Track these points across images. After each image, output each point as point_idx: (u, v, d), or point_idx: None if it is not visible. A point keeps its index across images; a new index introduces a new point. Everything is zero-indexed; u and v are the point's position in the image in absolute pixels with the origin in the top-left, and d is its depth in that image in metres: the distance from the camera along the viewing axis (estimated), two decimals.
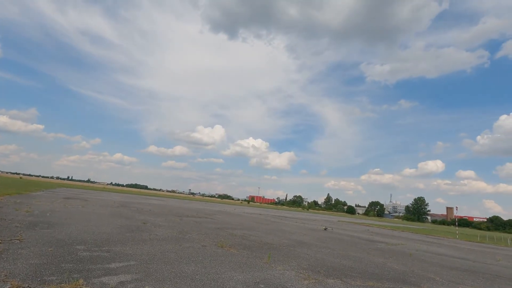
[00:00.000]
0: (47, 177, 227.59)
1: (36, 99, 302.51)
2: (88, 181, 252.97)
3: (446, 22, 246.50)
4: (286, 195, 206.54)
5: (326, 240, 14.92)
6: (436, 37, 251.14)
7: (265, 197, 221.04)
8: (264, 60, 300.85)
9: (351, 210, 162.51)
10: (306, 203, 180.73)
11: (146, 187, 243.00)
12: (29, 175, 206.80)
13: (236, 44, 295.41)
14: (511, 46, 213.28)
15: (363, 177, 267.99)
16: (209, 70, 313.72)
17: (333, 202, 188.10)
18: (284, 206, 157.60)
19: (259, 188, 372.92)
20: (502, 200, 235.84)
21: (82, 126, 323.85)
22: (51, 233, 7.96)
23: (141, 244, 7.91)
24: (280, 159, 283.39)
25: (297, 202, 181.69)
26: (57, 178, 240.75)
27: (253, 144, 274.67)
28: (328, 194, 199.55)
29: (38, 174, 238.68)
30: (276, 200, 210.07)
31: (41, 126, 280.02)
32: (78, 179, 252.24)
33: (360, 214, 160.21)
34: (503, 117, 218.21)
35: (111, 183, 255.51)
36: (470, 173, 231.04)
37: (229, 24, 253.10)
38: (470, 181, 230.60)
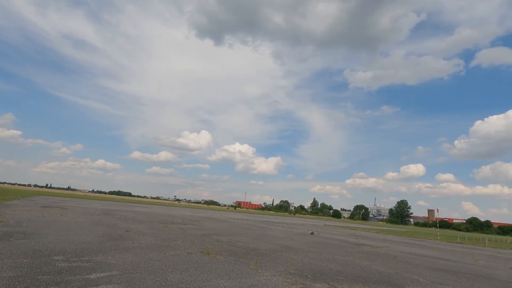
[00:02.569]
0: (24, 185, 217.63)
1: (13, 104, 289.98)
2: (69, 188, 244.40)
3: (424, 32, 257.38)
4: (273, 200, 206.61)
5: (313, 244, 14.97)
6: (415, 46, 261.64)
7: (252, 203, 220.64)
8: (250, 66, 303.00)
9: (337, 214, 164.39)
10: (293, 208, 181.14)
11: (129, 194, 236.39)
12: (5, 183, 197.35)
13: (222, 50, 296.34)
14: (484, 56, 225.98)
15: (348, 181, 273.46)
16: (195, 75, 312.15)
17: (319, 206, 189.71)
18: (271, 211, 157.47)
19: (245, 193, 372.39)
20: (479, 202, 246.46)
21: (63, 132, 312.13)
22: (27, 243, 7.57)
23: (124, 253, 7.65)
24: (266, 164, 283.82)
25: (283, 207, 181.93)
26: (35, 186, 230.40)
27: (239, 149, 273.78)
28: (314, 198, 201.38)
29: (14, 182, 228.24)
30: (263, 205, 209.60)
31: (18, 132, 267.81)
32: (58, 186, 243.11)
33: (346, 218, 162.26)
34: (478, 122, 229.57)
35: (93, 190, 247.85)
36: (449, 176, 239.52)
37: (215, 30, 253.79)
38: (450, 184, 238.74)
